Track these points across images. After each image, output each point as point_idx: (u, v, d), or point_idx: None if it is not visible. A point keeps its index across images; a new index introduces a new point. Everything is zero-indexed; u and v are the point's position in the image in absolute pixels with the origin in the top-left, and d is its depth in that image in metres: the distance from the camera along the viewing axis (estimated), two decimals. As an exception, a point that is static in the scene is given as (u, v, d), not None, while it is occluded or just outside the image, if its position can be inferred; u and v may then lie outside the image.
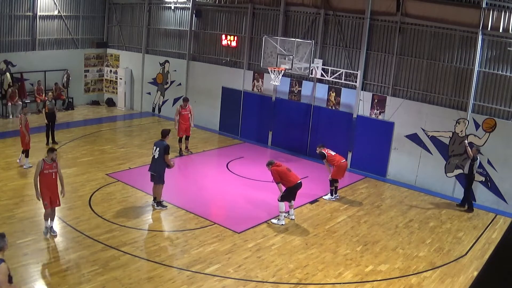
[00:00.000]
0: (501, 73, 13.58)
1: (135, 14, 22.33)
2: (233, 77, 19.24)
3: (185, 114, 16.24)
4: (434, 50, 14.65)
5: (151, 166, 11.75)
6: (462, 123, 14.23)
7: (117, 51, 23.12)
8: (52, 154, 9.76)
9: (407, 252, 10.62)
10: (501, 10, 13.23)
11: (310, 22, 17.10)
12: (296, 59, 15.30)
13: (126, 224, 10.80)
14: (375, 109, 15.84)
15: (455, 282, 9.50)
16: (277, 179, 11.40)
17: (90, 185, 12.88)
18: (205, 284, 8.71)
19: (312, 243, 10.71)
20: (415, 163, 15.19)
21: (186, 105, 16.31)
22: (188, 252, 9.81)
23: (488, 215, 13.28)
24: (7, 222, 10.30)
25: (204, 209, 12.00)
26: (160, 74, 21.77)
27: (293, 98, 17.71)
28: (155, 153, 11.51)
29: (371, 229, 11.71)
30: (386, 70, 15.64)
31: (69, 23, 21.78)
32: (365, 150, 16.15)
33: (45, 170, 9.68)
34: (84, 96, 23.01)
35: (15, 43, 20.02)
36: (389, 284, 9.26)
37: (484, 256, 10.72)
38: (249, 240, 10.60)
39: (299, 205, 12.74)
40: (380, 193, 14.53)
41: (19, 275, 8.37)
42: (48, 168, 9.72)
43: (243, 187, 13.94)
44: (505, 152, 13.52)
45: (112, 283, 8.43)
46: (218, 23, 19.68)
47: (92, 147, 16.35)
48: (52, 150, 9.89)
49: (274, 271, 9.39)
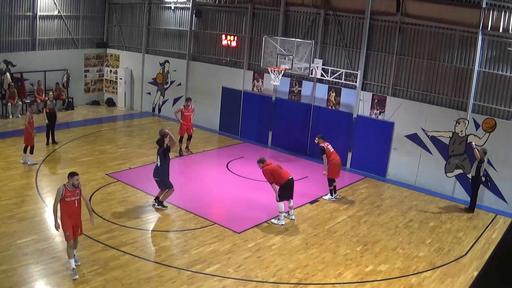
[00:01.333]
0: (501, 73, 13.58)
1: (135, 14, 22.33)
2: (233, 77, 19.24)
3: (188, 114, 16.17)
4: (434, 50, 14.66)
5: (154, 172, 11.80)
6: (462, 123, 14.23)
7: (117, 51, 23.12)
8: (73, 179, 8.49)
9: (407, 252, 10.62)
10: (501, 10, 13.23)
11: (310, 22, 17.11)
12: (296, 59, 15.31)
13: (126, 224, 10.80)
14: (375, 109, 15.84)
15: (455, 282, 9.50)
16: (270, 179, 11.37)
17: (90, 185, 12.88)
18: (205, 284, 8.71)
19: (312, 243, 10.71)
20: (415, 163, 15.19)
21: (189, 105, 16.25)
22: (188, 252, 9.81)
23: (488, 215, 13.27)
24: (7, 222, 10.30)
25: (204, 209, 12.01)
26: (160, 74, 21.77)
27: (293, 98, 17.71)
28: (157, 161, 11.66)
29: (371, 229, 11.71)
30: (386, 70, 15.64)
31: (69, 23, 21.78)
32: (365, 150, 16.15)
33: (67, 197, 8.47)
34: (84, 96, 23.01)
35: (15, 43, 20.02)
36: (389, 284, 9.26)
37: (484, 256, 10.72)
38: (249, 240, 10.60)
39: (299, 205, 12.75)
40: (380, 193, 14.53)
41: (19, 275, 8.38)
42: (70, 196, 8.50)
43: (243, 187, 13.94)
44: (505, 152, 13.51)
45: (112, 283, 8.44)
46: (218, 23, 19.68)
47: (92, 147, 16.35)
48: (73, 175, 8.57)
49: (274, 271, 9.39)
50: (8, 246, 9.32)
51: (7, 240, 9.53)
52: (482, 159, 13.11)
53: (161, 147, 11.58)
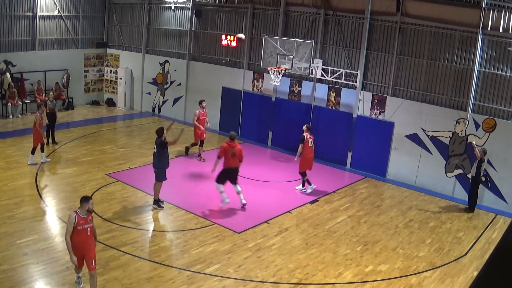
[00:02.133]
0: (501, 73, 13.58)
1: (135, 14, 22.33)
2: (233, 77, 19.24)
3: (203, 119, 15.74)
4: (434, 50, 14.66)
5: (153, 161, 11.88)
6: (462, 123, 14.23)
7: (117, 51, 23.12)
8: (88, 204, 7.63)
9: (407, 252, 10.63)
10: (501, 10, 13.23)
11: (310, 22, 17.10)
12: (296, 59, 15.31)
13: (126, 224, 10.80)
14: (375, 109, 15.84)
15: (455, 282, 9.51)
16: (219, 154, 12.02)
17: (90, 185, 12.88)
18: (205, 284, 8.71)
19: (312, 243, 10.71)
20: (415, 163, 15.19)
21: (204, 107, 15.77)
22: (188, 252, 9.81)
23: (488, 215, 13.28)
24: (7, 222, 10.30)
25: (204, 209, 12.01)
26: (160, 74, 21.77)
27: (293, 98, 17.71)
28: (155, 150, 11.73)
29: (371, 229, 11.71)
30: (386, 70, 15.64)
31: (69, 23, 21.78)
32: (365, 150, 16.15)
33: (79, 225, 7.56)
34: (84, 96, 23.00)
35: (15, 43, 20.02)
36: (389, 284, 9.26)
37: (484, 256, 10.72)
38: (249, 240, 10.61)
39: (299, 205, 12.77)
40: (380, 193, 14.53)
41: (19, 275, 8.39)
42: (83, 223, 7.61)
43: (243, 187, 13.86)
44: (505, 152, 13.51)
45: (112, 283, 8.43)
46: (218, 23, 19.68)
47: (92, 147, 16.35)
48: (87, 199, 7.70)
49: (274, 271, 9.39)
50: (8, 246, 9.32)
51: (7, 240, 9.53)
52: (483, 158, 13.11)
53: (159, 138, 11.59)
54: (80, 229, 7.58)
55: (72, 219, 7.56)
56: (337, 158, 16.74)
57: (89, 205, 7.64)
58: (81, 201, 7.70)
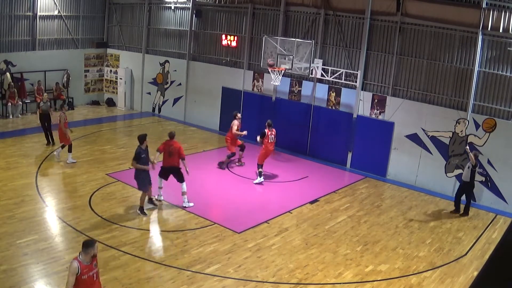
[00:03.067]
0: (501, 73, 13.58)
1: (135, 14, 22.33)
2: (233, 77, 19.24)
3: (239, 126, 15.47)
4: (434, 50, 14.65)
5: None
6: (462, 123, 14.22)
7: (117, 51, 23.12)
8: (93, 250, 6.47)
9: (407, 252, 10.62)
10: (501, 10, 13.23)
11: (310, 22, 17.10)
12: (296, 59, 15.30)
13: (126, 224, 10.80)
14: (375, 109, 15.84)
15: (455, 282, 9.50)
16: (159, 148, 11.92)
17: (90, 185, 12.88)
18: (205, 284, 8.71)
19: (312, 243, 10.71)
20: (415, 163, 15.19)
21: (240, 117, 15.60)
22: (188, 252, 9.81)
23: (488, 215, 13.28)
24: (7, 222, 10.30)
25: (204, 209, 12.00)
26: (160, 74, 21.77)
27: (293, 98, 17.71)
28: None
29: (371, 229, 11.71)
30: (386, 70, 15.64)
31: (69, 23, 21.78)
32: (365, 150, 16.15)
33: (84, 275, 6.38)
34: (84, 96, 23.00)
35: (15, 43, 20.02)
36: (389, 284, 9.26)
37: (484, 256, 10.72)
38: (249, 240, 10.60)
39: (299, 205, 12.76)
40: (380, 193, 14.53)
41: (19, 275, 8.38)
42: (87, 271, 6.43)
43: (243, 187, 13.94)
44: (505, 152, 13.51)
45: (112, 283, 8.43)
46: (218, 23, 19.68)
47: (92, 147, 16.34)
48: (92, 244, 6.51)
49: (274, 271, 9.39)
50: (8, 246, 9.32)
51: (7, 240, 9.53)
52: (477, 163, 12.87)
53: (140, 145, 11.06)
54: (84, 279, 6.41)
55: (74, 269, 6.34)
56: (337, 158, 16.74)
57: (94, 250, 6.49)
58: (84, 246, 6.46)
